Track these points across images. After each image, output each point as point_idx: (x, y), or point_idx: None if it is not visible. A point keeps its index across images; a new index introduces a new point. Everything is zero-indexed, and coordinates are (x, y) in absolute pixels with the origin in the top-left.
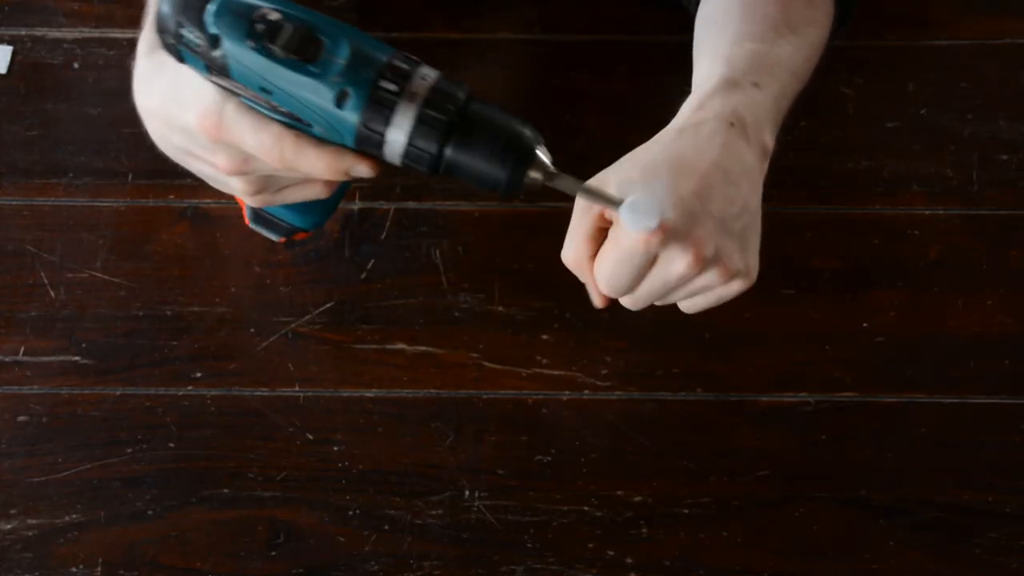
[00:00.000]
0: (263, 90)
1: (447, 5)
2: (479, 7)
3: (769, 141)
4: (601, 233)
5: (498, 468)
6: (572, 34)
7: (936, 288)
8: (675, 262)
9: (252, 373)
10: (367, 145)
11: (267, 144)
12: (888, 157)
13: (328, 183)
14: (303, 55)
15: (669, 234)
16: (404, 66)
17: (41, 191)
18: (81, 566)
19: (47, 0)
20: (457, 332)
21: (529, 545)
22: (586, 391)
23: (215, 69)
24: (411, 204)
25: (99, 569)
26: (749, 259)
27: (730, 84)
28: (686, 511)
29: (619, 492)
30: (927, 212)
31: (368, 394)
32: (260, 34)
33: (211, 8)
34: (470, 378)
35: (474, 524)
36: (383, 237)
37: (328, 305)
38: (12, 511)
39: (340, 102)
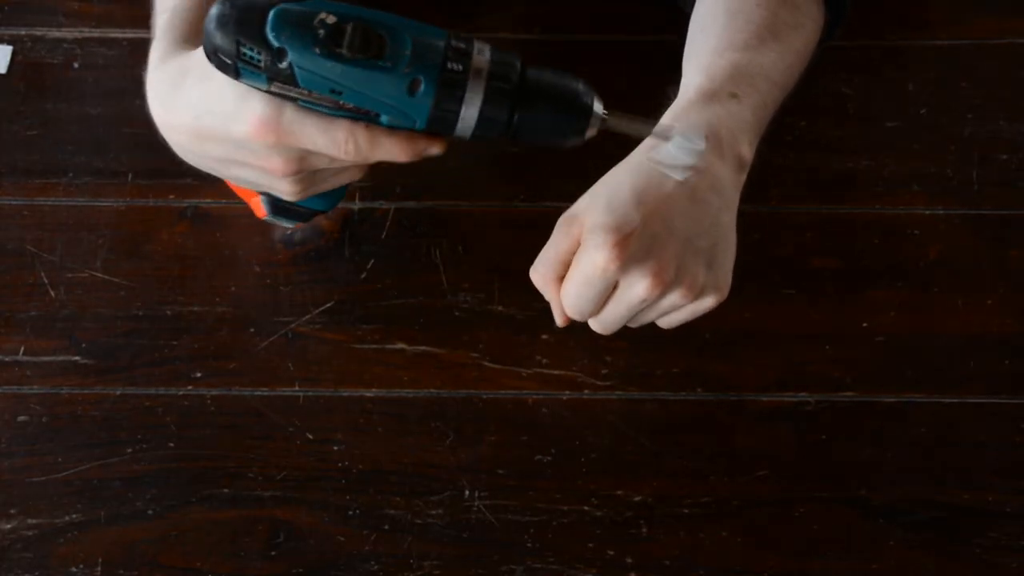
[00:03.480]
0: (333, 92)
1: (447, 5)
2: (479, 7)
3: (746, 153)
4: (572, 256)
5: (498, 468)
6: (572, 34)
7: (936, 288)
8: (635, 286)
9: (252, 373)
10: (440, 125)
11: (340, 140)
12: (888, 157)
13: (363, 167)
14: (370, 52)
15: (626, 259)
16: (463, 45)
17: (41, 191)
18: (81, 566)
19: (47, 0)
20: (457, 332)
21: (529, 545)
22: (586, 391)
23: (279, 80)
24: (411, 204)
25: (99, 569)
26: (718, 275)
27: (707, 96)
28: (686, 511)
29: (619, 492)
30: (927, 212)
31: (368, 394)
32: (324, 40)
33: (270, 22)
34: (470, 378)
35: (474, 524)
36: (383, 237)
37: (328, 305)
38: (12, 511)
39: (413, 90)
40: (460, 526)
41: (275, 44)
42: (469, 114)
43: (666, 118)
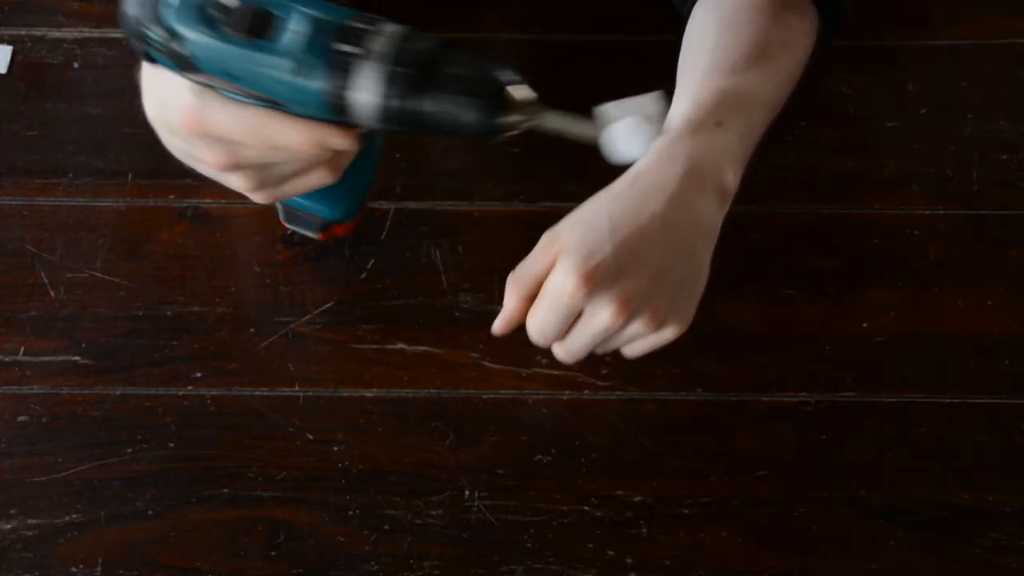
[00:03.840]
0: (230, 76)
1: (447, 5)
2: (479, 7)
3: (730, 182)
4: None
5: (498, 468)
6: (572, 34)
7: (936, 288)
8: (599, 314)
9: (252, 373)
10: (340, 113)
11: (245, 125)
12: (888, 157)
13: (329, 166)
14: (258, 33)
15: (593, 286)
16: (362, 26)
17: (41, 191)
18: (81, 566)
19: (47, 0)
20: (457, 332)
21: (529, 545)
22: (586, 391)
23: (183, 64)
24: (411, 204)
25: (99, 569)
26: (681, 308)
27: (693, 127)
28: (686, 511)
29: (619, 492)
30: (927, 212)
31: (368, 394)
32: (212, 19)
33: (169, 2)
34: (470, 378)
35: (474, 524)
36: (383, 237)
37: (328, 305)
38: (12, 511)
39: (303, 73)
40: (460, 526)
41: (168, 23)
42: (364, 99)
43: (652, 148)
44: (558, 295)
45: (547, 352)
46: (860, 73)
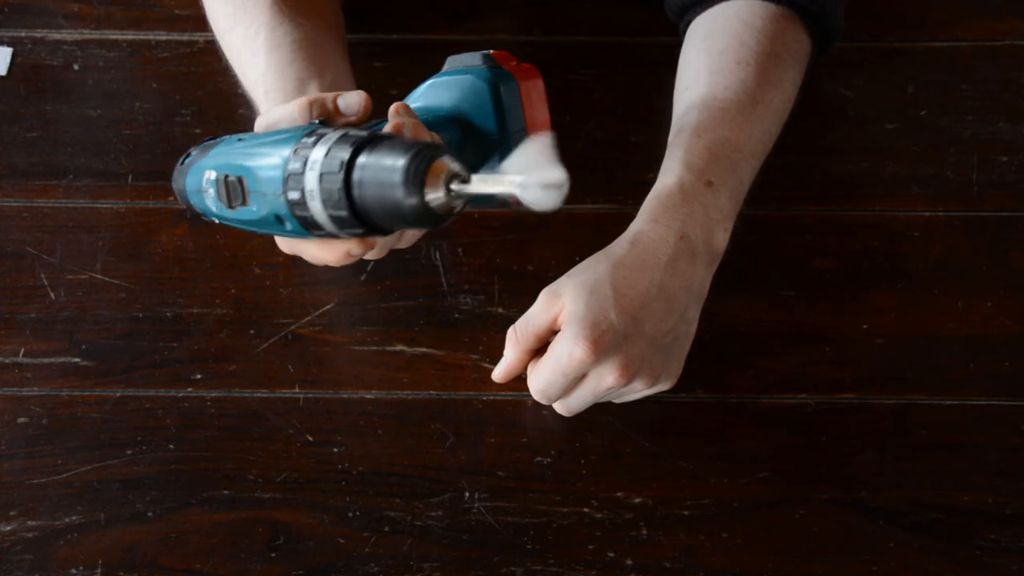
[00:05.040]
0: (255, 228)
1: (447, 6)
2: (479, 8)
3: (720, 241)
4: (548, 331)
5: (498, 470)
6: (572, 35)
7: (936, 290)
8: (604, 378)
9: (252, 375)
10: (324, 231)
11: (293, 249)
12: (888, 159)
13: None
14: (238, 202)
15: (601, 353)
16: (297, 167)
17: (41, 192)
18: (81, 568)
19: (47, 2)
20: (457, 334)
21: (529, 547)
22: None
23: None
24: None
25: (99, 571)
26: (673, 367)
27: (685, 192)
28: (686, 513)
29: (619, 494)
30: (927, 214)
31: (368, 396)
32: (212, 196)
33: (187, 191)
34: (470, 379)
35: (474, 526)
36: None
37: (328, 306)
38: (12, 512)
39: (279, 222)
40: (460, 528)
41: (186, 199)
42: (323, 220)
43: (643, 215)
44: (566, 360)
45: None
46: (860, 75)
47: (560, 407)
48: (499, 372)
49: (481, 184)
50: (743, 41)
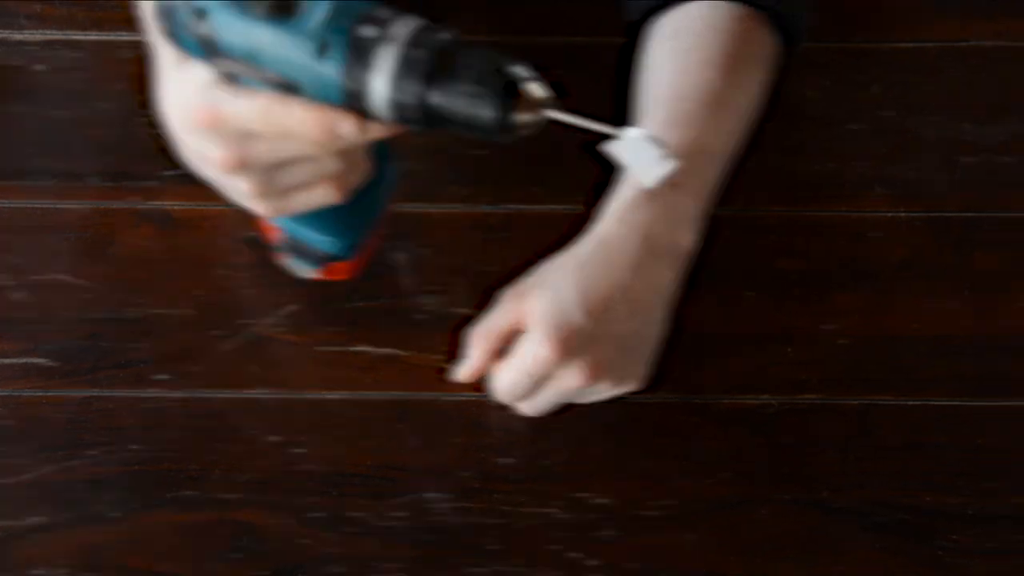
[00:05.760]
0: (251, 57)
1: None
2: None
3: (687, 241)
4: (511, 332)
5: (462, 470)
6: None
7: (899, 290)
8: (570, 379)
9: (215, 375)
10: (354, 100)
11: (257, 109)
12: (852, 159)
13: (336, 182)
14: (282, 11)
15: (567, 353)
16: (384, 14)
17: (3, 193)
18: (45, 569)
19: (9, 3)
20: (420, 334)
21: (493, 547)
22: None
23: (207, 47)
24: None
25: (63, 571)
26: (640, 369)
27: (649, 193)
28: (650, 513)
29: (583, 494)
30: (890, 214)
31: (331, 396)
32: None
33: None
34: (434, 380)
35: (438, 526)
36: None
37: (291, 307)
38: None
39: (321, 53)
40: (424, 529)
41: (197, 2)
42: (378, 86)
43: (607, 215)
44: (531, 361)
45: None
46: (824, 76)
47: (525, 407)
48: (461, 373)
49: (575, 120)
50: (709, 42)
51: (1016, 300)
